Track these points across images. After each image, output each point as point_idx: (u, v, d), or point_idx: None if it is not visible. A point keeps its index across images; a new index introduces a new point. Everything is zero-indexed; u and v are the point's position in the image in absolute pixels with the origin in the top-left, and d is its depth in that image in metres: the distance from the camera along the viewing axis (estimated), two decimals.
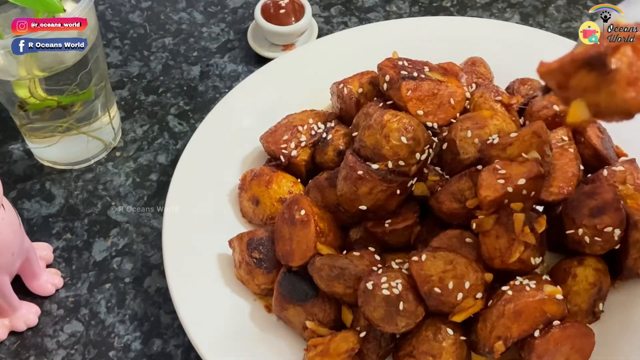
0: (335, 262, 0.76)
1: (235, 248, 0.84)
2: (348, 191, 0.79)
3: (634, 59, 0.56)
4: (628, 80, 0.56)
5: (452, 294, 0.72)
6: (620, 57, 0.56)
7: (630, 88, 0.56)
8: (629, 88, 0.56)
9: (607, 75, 0.56)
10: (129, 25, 1.18)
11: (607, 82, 0.56)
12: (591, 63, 0.57)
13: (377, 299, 0.72)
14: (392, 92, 0.86)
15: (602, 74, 0.56)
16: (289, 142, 0.90)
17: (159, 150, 1.02)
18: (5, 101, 0.91)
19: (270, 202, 0.87)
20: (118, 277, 0.90)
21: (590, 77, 0.57)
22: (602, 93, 0.57)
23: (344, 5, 1.19)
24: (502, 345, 0.72)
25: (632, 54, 0.57)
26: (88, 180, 0.99)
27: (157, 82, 1.10)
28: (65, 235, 0.94)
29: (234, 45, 1.15)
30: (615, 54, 0.56)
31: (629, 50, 0.57)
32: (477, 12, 1.18)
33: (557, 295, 0.72)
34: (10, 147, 1.03)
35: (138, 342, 0.85)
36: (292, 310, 0.79)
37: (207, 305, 0.82)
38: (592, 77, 0.57)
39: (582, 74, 0.58)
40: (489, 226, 0.75)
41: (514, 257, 0.74)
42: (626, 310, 0.80)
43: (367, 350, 0.76)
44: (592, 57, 0.57)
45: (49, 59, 0.86)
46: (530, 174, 0.74)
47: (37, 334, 0.86)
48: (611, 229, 0.76)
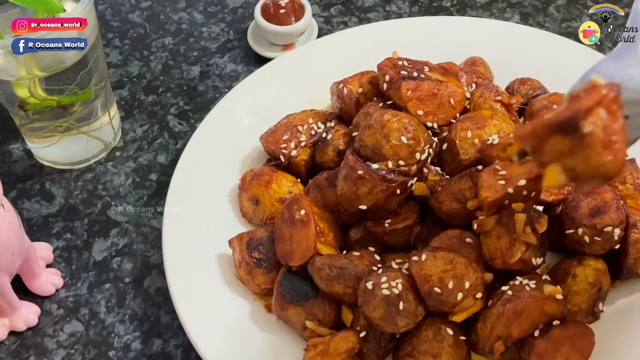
0: (335, 262, 0.76)
1: (235, 248, 0.84)
2: (348, 191, 0.79)
3: (608, 122, 0.54)
4: (603, 143, 0.53)
5: (452, 293, 0.72)
6: (593, 120, 0.54)
7: (606, 151, 0.53)
8: (605, 152, 0.53)
9: (581, 139, 0.54)
10: (129, 25, 1.18)
11: (582, 147, 0.54)
12: (564, 127, 0.54)
13: (377, 298, 0.72)
14: (392, 92, 0.86)
15: (576, 138, 0.54)
16: (289, 142, 0.90)
17: (159, 150, 1.02)
18: (5, 101, 0.91)
19: (270, 202, 0.87)
20: (118, 277, 0.90)
21: (564, 142, 0.55)
22: (577, 157, 0.55)
23: (344, 5, 1.19)
24: (502, 345, 0.72)
25: (606, 116, 0.54)
26: (88, 180, 0.99)
27: (157, 82, 1.10)
28: (65, 235, 0.94)
29: (234, 45, 1.15)
30: (588, 117, 0.54)
31: (603, 112, 0.54)
32: (477, 12, 1.18)
33: (557, 295, 0.72)
34: (10, 147, 1.03)
35: (138, 342, 0.85)
36: (292, 310, 0.79)
37: (207, 305, 0.82)
38: (566, 142, 0.55)
39: (556, 139, 0.55)
40: (490, 226, 0.75)
41: (515, 257, 0.74)
42: (626, 310, 0.80)
43: (367, 350, 0.76)
44: (564, 121, 0.54)
45: (48, 59, 0.86)
46: (531, 174, 0.74)
47: (37, 334, 0.86)
48: (611, 229, 0.76)
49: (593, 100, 0.54)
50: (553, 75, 0.96)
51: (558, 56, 1.00)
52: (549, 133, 0.55)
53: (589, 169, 0.55)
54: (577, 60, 0.99)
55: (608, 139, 0.53)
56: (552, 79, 0.95)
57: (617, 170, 0.54)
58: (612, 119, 0.54)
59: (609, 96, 0.54)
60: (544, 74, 0.96)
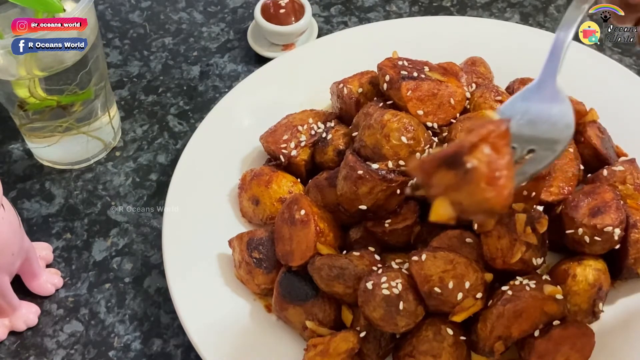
0: (335, 262, 0.76)
1: (235, 248, 0.84)
2: (348, 191, 0.79)
3: (492, 157, 0.54)
4: (487, 179, 0.53)
5: (452, 293, 0.72)
6: (478, 155, 0.54)
7: (490, 187, 0.53)
8: (488, 187, 0.53)
9: (465, 174, 0.54)
10: (129, 25, 1.18)
11: (466, 182, 0.54)
12: (449, 162, 0.55)
13: (377, 298, 0.72)
14: (392, 92, 0.86)
15: (461, 173, 0.54)
16: (288, 142, 0.90)
17: (159, 150, 1.02)
18: (5, 101, 0.91)
19: (270, 202, 0.87)
20: (118, 277, 0.90)
21: (450, 176, 0.55)
22: (462, 192, 0.55)
23: (344, 5, 1.19)
24: (502, 345, 0.72)
25: (491, 152, 0.54)
26: (88, 180, 0.99)
27: (157, 81, 1.10)
28: (65, 235, 0.94)
29: (234, 45, 1.15)
30: (473, 152, 0.54)
31: (488, 148, 0.54)
32: (477, 11, 1.18)
33: (557, 295, 0.72)
34: (10, 147, 1.03)
35: (138, 342, 0.85)
36: (292, 310, 0.79)
37: (207, 305, 0.82)
38: (452, 176, 0.55)
39: (443, 173, 0.55)
40: (491, 226, 0.75)
41: (515, 257, 0.74)
42: (626, 310, 0.80)
43: (367, 350, 0.76)
44: (450, 156, 0.55)
45: (48, 59, 0.86)
46: None
47: (37, 334, 0.86)
48: (611, 229, 0.76)
49: (478, 136, 0.54)
50: None
51: None
52: (436, 167, 0.55)
53: (473, 203, 0.55)
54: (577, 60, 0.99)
55: (492, 174, 0.53)
56: None
57: (501, 205, 0.54)
58: (497, 155, 0.54)
59: (495, 132, 0.54)
60: None
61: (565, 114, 0.67)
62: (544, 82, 0.70)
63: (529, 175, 0.63)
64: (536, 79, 0.70)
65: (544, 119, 0.67)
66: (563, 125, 0.66)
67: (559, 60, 0.70)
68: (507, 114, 0.68)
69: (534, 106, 0.68)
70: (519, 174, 0.62)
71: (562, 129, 0.66)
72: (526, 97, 0.69)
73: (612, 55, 1.06)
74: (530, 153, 0.64)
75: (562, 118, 0.67)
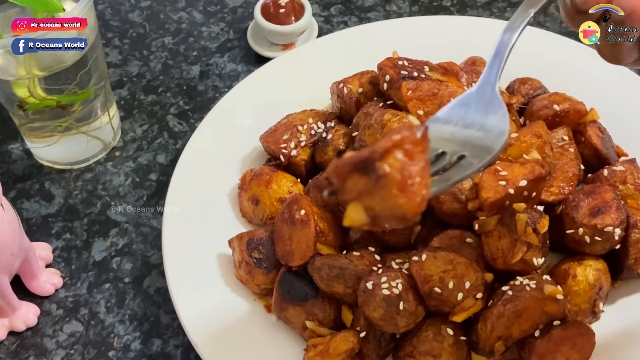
0: (335, 262, 0.76)
1: (235, 248, 0.84)
2: None
3: (405, 163, 0.53)
4: (399, 185, 0.52)
5: (452, 293, 0.72)
6: (390, 161, 0.53)
7: (402, 193, 0.53)
8: (400, 193, 0.52)
9: (377, 180, 0.53)
10: (129, 25, 1.18)
11: (378, 187, 0.53)
12: (360, 168, 0.54)
13: (377, 298, 0.72)
14: (392, 92, 0.86)
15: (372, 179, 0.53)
16: (288, 141, 0.90)
17: (159, 149, 1.02)
18: (5, 101, 0.91)
19: (270, 202, 0.87)
20: (117, 277, 0.90)
21: (363, 181, 0.54)
22: (375, 198, 0.54)
23: (344, 4, 1.19)
24: (502, 345, 0.72)
25: (403, 158, 0.53)
26: (87, 180, 0.99)
27: (156, 81, 1.10)
28: (65, 235, 0.94)
29: (234, 45, 1.14)
30: (385, 158, 0.53)
31: (400, 154, 0.53)
32: (477, 11, 1.18)
33: (557, 295, 0.72)
34: (9, 147, 1.03)
35: (138, 342, 0.85)
36: (292, 310, 0.79)
37: (206, 305, 0.82)
38: (365, 181, 0.54)
39: (355, 178, 0.54)
40: (492, 227, 0.75)
41: (516, 257, 0.74)
42: (626, 310, 0.80)
43: (367, 350, 0.76)
44: (361, 161, 0.54)
45: (48, 59, 0.86)
46: (532, 175, 0.74)
47: (37, 334, 0.86)
48: (611, 229, 0.76)
49: (391, 141, 0.53)
50: (553, 75, 0.96)
51: (558, 56, 1.00)
52: (349, 172, 0.54)
53: (385, 209, 0.54)
54: (577, 60, 0.99)
55: (404, 181, 0.52)
56: (552, 79, 0.95)
57: (413, 212, 0.53)
58: (411, 161, 0.53)
59: (409, 138, 0.53)
60: (544, 74, 0.96)
61: (500, 121, 0.66)
62: (483, 86, 0.68)
63: (452, 182, 0.62)
64: (477, 83, 0.69)
65: (479, 126, 0.66)
66: (497, 132, 0.65)
67: (501, 64, 0.69)
68: (444, 119, 0.67)
69: (471, 112, 0.67)
70: (443, 180, 0.62)
71: (495, 137, 0.64)
72: (465, 102, 0.68)
73: None
74: (460, 159, 0.63)
75: (496, 125, 0.65)
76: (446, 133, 0.64)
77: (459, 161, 0.63)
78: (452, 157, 0.63)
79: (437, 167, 0.62)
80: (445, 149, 0.63)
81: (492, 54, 0.69)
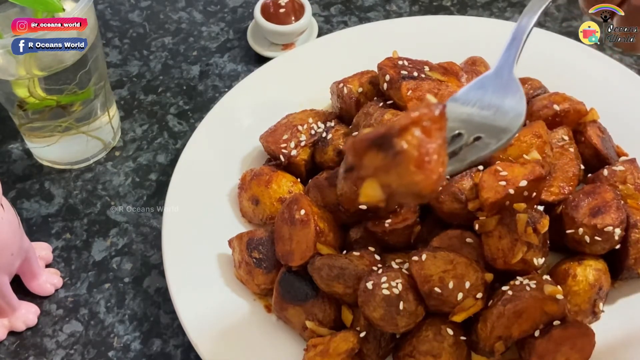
0: (335, 262, 0.76)
1: (235, 248, 0.84)
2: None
3: (423, 140, 0.53)
4: (416, 162, 0.52)
5: (452, 293, 0.72)
6: (408, 138, 0.53)
7: (419, 170, 0.53)
8: (417, 170, 0.53)
9: (394, 156, 0.53)
10: (129, 25, 1.18)
11: (395, 164, 0.53)
12: (378, 144, 0.54)
13: (377, 298, 0.72)
14: (392, 92, 0.86)
15: (390, 155, 0.53)
16: (288, 141, 0.90)
17: (159, 149, 1.02)
18: (5, 101, 0.91)
19: (270, 202, 0.87)
20: (117, 277, 0.90)
21: (379, 158, 0.54)
22: (391, 174, 0.54)
23: (344, 4, 1.19)
24: (502, 345, 0.72)
25: (421, 135, 0.53)
26: (87, 180, 0.99)
27: (156, 81, 1.10)
28: (65, 235, 0.94)
29: (234, 45, 1.14)
30: (403, 134, 0.53)
31: (418, 131, 0.53)
32: (477, 11, 1.18)
33: (557, 295, 0.72)
34: (9, 147, 1.03)
35: (137, 342, 0.85)
36: (292, 310, 0.79)
37: (206, 305, 0.82)
38: (381, 158, 0.54)
39: (372, 154, 0.54)
40: (492, 227, 0.75)
41: (516, 257, 0.74)
42: (626, 310, 0.80)
43: (367, 350, 0.76)
44: (379, 137, 0.54)
45: (48, 59, 0.86)
46: (532, 175, 0.74)
47: (37, 334, 0.86)
48: (611, 229, 0.76)
49: (409, 119, 0.53)
50: (553, 75, 0.96)
51: (558, 56, 1.00)
52: (366, 148, 0.55)
53: (402, 186, 0.54)
54: (577, 60, 0.99)
55: (421, 158, 0.53)
56: (552, 79, 0.95)
57: (430, 189, 0.53)
58: (429, 138, 0.53)
59: (428, 115, 0.53)
60: (544, 74, 0.96)
61: (517, 103, 0.67)
62: (501, 69, 0.70)
63: (468, 162, 0.63)
64: (494, 66, 0.70)
65: (496, 108, 0.67)
66: (514, 114, 0.66)
67: (519, 48, 0.70)
68: (462, 99, 0.68)
69: (488, 94, 0.68)
70: (459, 160, 0.62)
71: (513, 118, 0.66)
72: (483, 84, 0.69)
73: (612, 55, 1.06)
74: (476, 141, 0.64)
75: (513, 107, 0.67)
76: (464, 114, 0.64)
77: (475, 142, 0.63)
78: (469, 139, 0.63)
79: (454, 148, 0.63)
80: (462, 130, 0.63)
81: (510, 38, 0.70)
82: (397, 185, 0.54)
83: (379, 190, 0.55)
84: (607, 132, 0.89)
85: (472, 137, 0.64)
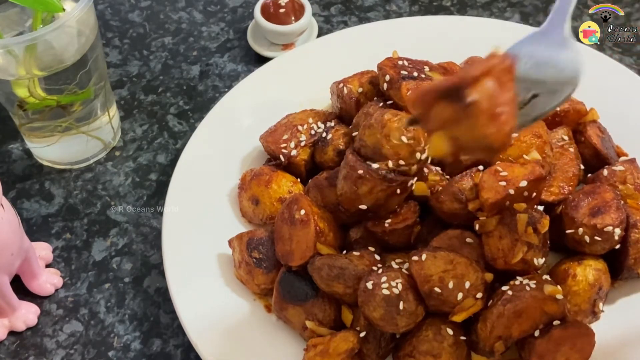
0: (335, 262, 0.76)
1: (235, 248, 0.84)
2: (348, 190, 0.79)
3: (495, 92, 0.51)
4: (488, 114, 0.51)
5: (452, 293, 0.72)
6: (480, 89, 0.51)
7: (491, 123, 0.51)
8: (489, 123, 0.51)
9: (465, 108, 0.51)
10: (129, 25, 1.18)
11: (466, 116, 0.51)
12: (449, 95, 0.52)
13: (377, 298, 0.72)
14: (392, 92, 0.86)
15: (460, 107, 0.51)
16: (288, 141, 0.90)
17: (159, 149, 1.02)
18: (5, 101, 0.91)
19: (270, 202, 0.87)
20: (117, 277, 0.90)
21: (449, 110, 0.52)
22: (461, 127, 0.52)
23: (344, 4, 1.19)
24: (502, 345, 0.72)
25: (493, 86, 0.51)
26: (87, 180, 0.99)
27: (156, 81, 1.10)
28: (65, 235, 0.94)
29: (234, 45, 1.14)
30: (475, 86, 0.51)
31: (491, 82, 0.51)
32: (477, 11, 1.18)
33: (557, 295, 0.72)
34: (9, 147, 1.03)
35: (137, 342, 0.85)
36: (291, 310, 0.79)
37: (206, 305, 0.82)
38: (451, 110, 0.52)
39: (442, 106, 0.53)
40: (492, 227, 0.75)
41: (517, 257, 0.74)
42: (626, 310, 0.80)
43: (367, 350, 0.76)
44: (450, 88, 0.52)
45: (48, 59, 0.86)
46: (532, 175, 0.74)
47: (37, 334, 0.86)
48: (611, 229, 0.76)
49: (481, 69, 0.51)
50: None
51: None
52: (435, 99, 0.53)
53: (472, 139, 0.52)
54: None
55: (493, 110, 0.51)
56: None
57: (500, 142, 0.52)
58: (501, 89, 0.51)
59: (500, 66, 0.52)
60: None
61: (574, 59, 0.64)
62: (551, 28, 0.66)
63: (532, 118, 0.61)
64: (543, 25, 0.67)
65: (552, 64, 0.64)
66: (571, 70, 0.63)
67: (569, 6, 0.66)
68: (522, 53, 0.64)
69: (540, 50, 0.65)
70: (523, 114, 0.60)
71: (571, 74, 0.63)
72: (533, 40, 0.66)
73: (612, 55, 1.06)
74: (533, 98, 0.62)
75: (570, 64, 0.64)
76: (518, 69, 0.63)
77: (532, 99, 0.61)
78: (526, 96, 0.61)
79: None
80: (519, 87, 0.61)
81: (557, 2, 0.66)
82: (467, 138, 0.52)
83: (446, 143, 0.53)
84: (607, 132, 0.89)
85: (529, 95, 0.61)
